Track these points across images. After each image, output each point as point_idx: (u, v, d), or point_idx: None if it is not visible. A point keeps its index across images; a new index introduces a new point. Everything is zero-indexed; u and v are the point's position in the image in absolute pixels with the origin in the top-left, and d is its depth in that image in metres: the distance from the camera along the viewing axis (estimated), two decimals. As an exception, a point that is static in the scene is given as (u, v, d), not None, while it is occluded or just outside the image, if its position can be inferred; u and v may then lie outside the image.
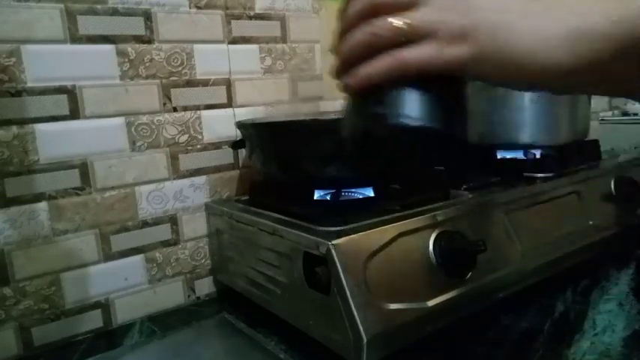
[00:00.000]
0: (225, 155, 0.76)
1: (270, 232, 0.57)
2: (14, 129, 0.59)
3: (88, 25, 0.63)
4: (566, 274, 0.66)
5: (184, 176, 0.72)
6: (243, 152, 0.75)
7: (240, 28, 0.76)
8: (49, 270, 0.62)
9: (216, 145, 0.75)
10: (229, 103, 0.76)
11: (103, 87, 0.64)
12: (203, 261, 0.75)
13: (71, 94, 0.62)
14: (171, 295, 0.72)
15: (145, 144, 0.68)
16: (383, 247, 0.51)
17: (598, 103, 1.41)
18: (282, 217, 0.59)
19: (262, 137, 0.65)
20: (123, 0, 0.65)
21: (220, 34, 0.74)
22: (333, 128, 0.62)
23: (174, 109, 0.71)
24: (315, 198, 0.61)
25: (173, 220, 0.72)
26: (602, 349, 0.53)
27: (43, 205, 0.61)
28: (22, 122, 0.59)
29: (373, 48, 0.31)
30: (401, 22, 0.30)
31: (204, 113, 0.73)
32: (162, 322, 0.68)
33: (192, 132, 0.72)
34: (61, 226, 0.63)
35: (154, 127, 0.69)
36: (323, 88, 0.86)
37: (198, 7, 0.71)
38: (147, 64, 0.68)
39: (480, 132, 0.87)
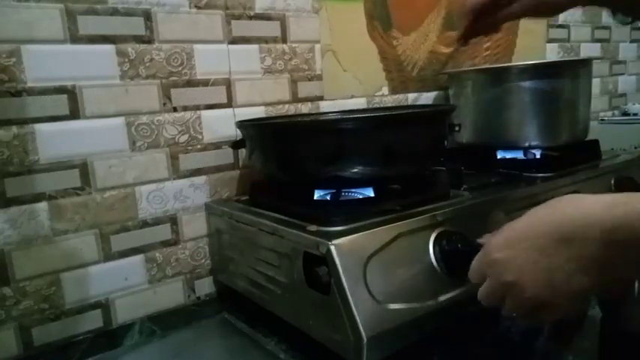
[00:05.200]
0: (225, 155, 0.76)
1: (270, 232, 0.57)
2: (14, 129, 0.59)
3: (88, 25, 0.63)
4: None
5: (184, 176, 0.72)
6: (243, 152, 0.75)
7: (240, 28, 0.76)
8: (49, 270, 0.62)
9: (216, 145, 0.75)
10: (229, 103, 0.76)
11: (103, 87, 0.64)
12: (203, 261, 0.75)
13: (71, 94, 0.62)
14: (171, 295, 0.72)
15: (145, 144, 0.68)
16: (383, 247, 0.51)
17: (598, 103, 1.41)
18: (282, 217, 0.59)
19: (262, 137, 0.65)
20: (123, 0, 0.65)
21: (220, 34, 0.74)
22: (333, 128, 0.62)
23: (174, 109, 0.71)
24: (315, 198, 0.61)
25: (173, 220, 0.72)
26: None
27: (43, 205, 0.61)
28: (22, 122, 0.59)
29: None
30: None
31: (204, 113, 0.73)
32: (162, 322, 0.68)
33: (192, 132, 0.72)
34: (61, 226, 0.63)
35: (153, 127, 0.69)
36: (323, 88, 0.86)
37: (198, 7, 0.71)
38: (147, 64, 0.68)
39: (480, 132, 0.87)
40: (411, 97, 0.98)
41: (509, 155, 0.84)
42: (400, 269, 0.51)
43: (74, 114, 0.63)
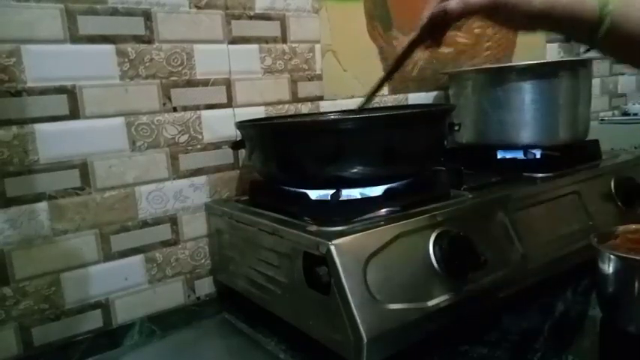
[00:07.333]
0: (225, 155, 0.76)
1: (270, 232, 0.57)
2: (14, 129, 0.59)
3: (88, 25, 0.63)
4: (566, 274, 0.66)
5: (184, 176, 0.72)
6: (243, 152, 0.75)
7: (240, 28, 0.76)
8: (49, 270, 0.62)
9: (216, 145, 0.75)
10: (229, 103, 0.76)
11: (103, 87, 0.64)
12: (203, 261, 0.75)
13: (71, 94, 0.62)
14: (171, 295, 0.72)
15: (145, 144, 0.68)
16: (383, 247, 0.51)
17: (598, 103, 1.41)
18: (282, 217, 0.59)
19: (262, 138, 0.65)
20: (123, 0, 0.65)
21: (220, 34, 0.74)
22: (333, 128, 0.62)
23: (174, 109, 0.71)
24: (314, 198, 0.61)
25: (173, 220, 0.72)
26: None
27: (43, 205, 0.61)
28: (22, 122, 0.59)
29: None
30: None
31: (204, 113, 0.73)
32: (162, 322, 0.68)
33: (192, 132, 0.72)
34: (61, 226, 0.63)
35: (153, 127, 0.69)
36: (323, 88, 0.86)
37: (198, 7, 0.71)
38: (147, 64, 0.68)
39: (480, 132, 0.87)
40: (411, 97, 0.98)
41: (509, 155, 0.84)
42: (400, 269, 0.51)
43: (74, 114, 0.63)
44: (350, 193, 0.60)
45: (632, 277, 0.51)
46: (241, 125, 0.68)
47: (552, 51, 1.28)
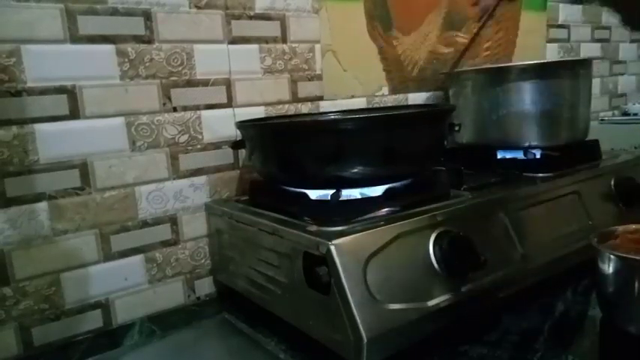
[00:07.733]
0: (225, 155, 0.76)
1: (270, 232, 0.57)
2: (14, 129, 0.59)
3: (88, 25, 0.63)
4: (566, 274, 0.66)
5: (184, 176, 0.72)
6: (243, 152, 0.75)
7: (240, 28, 0.76)
8: (49, 270, 0.62)
9: (216, 145, 0.75)
10: (229, 103, 0.76)
11: (103, 87, 0.64)
12: (203, 261, 0.75)
13: (71, 94, 0.62)
14: (171, 295, 0.72)
15: (145, 144, 0.68)
16: (383, 247, 0.51)
17: (598, 103, 1.41)
18: (282, 217, 0.59)
19: (262, 137, 0.65)
20: (123, 0, 0.65)
21: (220, 34, 0.74)
22: (333, 128, 0.62)
23: (174, 109, 0.71)
24: (314, 198, 0.61)
25: (173, 220, 0.72)
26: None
27: (43, 205, 0.61)
28: (22, 122, 0.59)
29: None
30: None
31: (204, 113, 0.73)
32: (162, 322, 0.68)
33: (192, 132, 0.72)
34: (61, 226, 0.63)
35: (153, 127, 0.69)
36: (323, 88, 0.86)
37: (198, 7, 0.71)
38: (147, 64, 0.68)
39: (480, 132, 0.87)
40: (411, 97, 0.98)
41: (509, 155, 0.84)
42: (400, 269, 0.51)
43: (74, 114, 0.63)
44: (350, 193, 0.60)
45: (632, 277, 0.51)
46: (241, 125, 0.68)
47: (552, 51, 1.28)
